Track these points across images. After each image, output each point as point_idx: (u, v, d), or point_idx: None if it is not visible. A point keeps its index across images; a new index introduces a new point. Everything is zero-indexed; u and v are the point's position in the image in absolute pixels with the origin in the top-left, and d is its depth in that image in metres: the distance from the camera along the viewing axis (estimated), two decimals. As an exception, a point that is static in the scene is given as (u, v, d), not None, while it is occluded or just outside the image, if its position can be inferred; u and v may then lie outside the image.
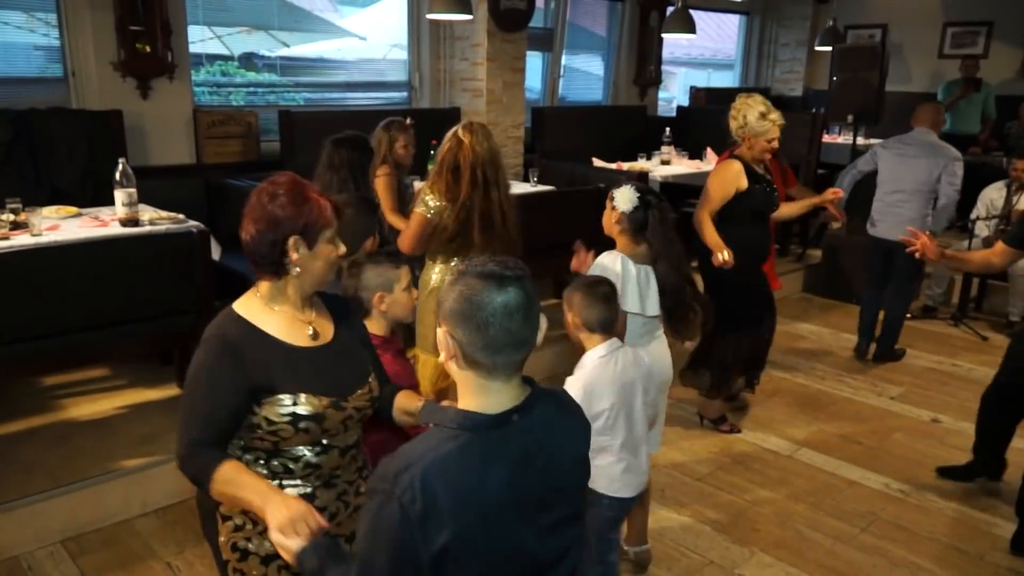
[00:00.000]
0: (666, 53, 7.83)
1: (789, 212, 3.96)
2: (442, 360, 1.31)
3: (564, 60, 7.18)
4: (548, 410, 1.34)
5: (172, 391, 3.77)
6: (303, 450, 1.63)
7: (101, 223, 3.51)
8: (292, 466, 1.64)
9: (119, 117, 4.39)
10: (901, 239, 3.35)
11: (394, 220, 3.66)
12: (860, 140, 6.69)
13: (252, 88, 5.45)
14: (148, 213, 3.61)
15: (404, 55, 6.06)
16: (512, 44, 5.84)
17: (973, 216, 5.43)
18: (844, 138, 7.38)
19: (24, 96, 4.30)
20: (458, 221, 2.87)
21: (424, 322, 3.05)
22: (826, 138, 7.14)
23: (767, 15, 9.45)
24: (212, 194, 4.64)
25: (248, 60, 5.44)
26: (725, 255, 3.45)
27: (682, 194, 6.06)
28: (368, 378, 1.73)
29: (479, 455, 1.23)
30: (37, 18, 4.39)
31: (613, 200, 2.74)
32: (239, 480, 1.52)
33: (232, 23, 5.29)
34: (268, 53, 5.51)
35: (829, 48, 7.43)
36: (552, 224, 4.35)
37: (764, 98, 3.58)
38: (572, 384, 2.27)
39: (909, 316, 5.70)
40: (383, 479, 1.22)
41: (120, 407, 3.64)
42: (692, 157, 6.40)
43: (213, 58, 5.23)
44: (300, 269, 1.61)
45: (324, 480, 1.68)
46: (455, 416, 1.27)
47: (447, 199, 2.88)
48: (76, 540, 2.96)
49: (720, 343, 3.79)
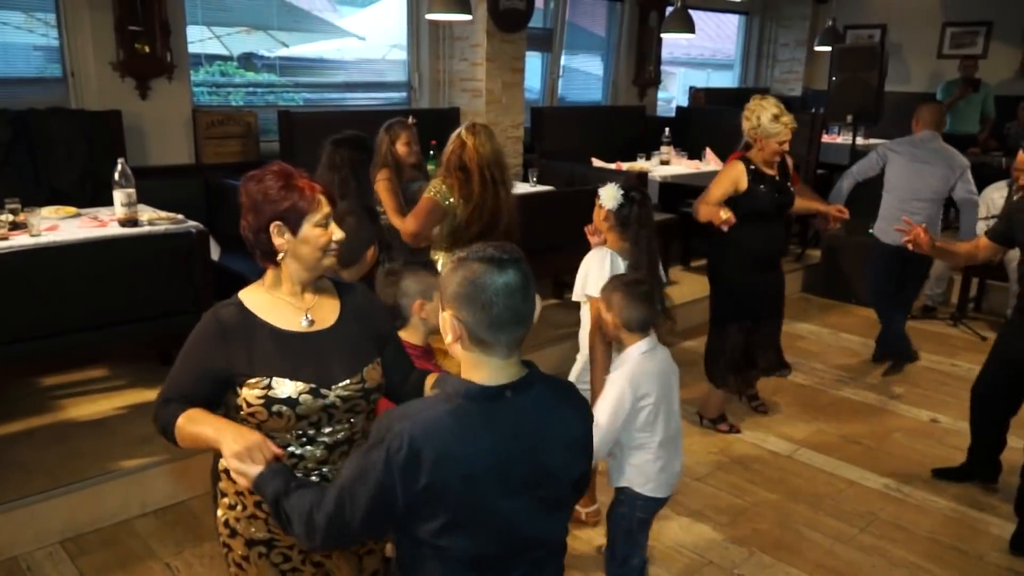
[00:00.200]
0: (665, 53, 7.83)
1: (799, 207, 4.03)
2: (448, 342, 1.39)
3: (563, 60, 7.18)
4: (544, 393, 1.42)
5: (171, 391, 3.77)
6: (287, 438, 1.64)
7: (100, 223, 3.51)
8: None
9: (118, 117, 4.39)
10: (896, 228, 3.39)
11: (398, 223, 3.57)
12: (859, 140, 6.69)
13: (251, 88, 5.44)
14: (147, 213, 3.61)
15: (403, 55, 6.06)
16: (511, 44, 5.84)
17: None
18: (843, 138, 7.38)
19: (23, 96, 4.30)
20: (481, 221, 2.94)
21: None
22: (825, 138, 7.14)
23: (766, 15, 9.45)
24: (211, 194, 4.64)
25: (247, 60, 5.44)
26: (723, 215, 3.51)
27: (681, 194, 6.06)
28: (362, 370, 1.69)
29: (467, 421, 1.34)
30: (36, 18, 4.39)
31: (599, 198, 2.82)
32: (197, 418, 1.58)
33: (231, 23, 5.29)
34: (267, 53, 5.51)
35: (828, 48, 7.44)
36: (551, 224, 4.35)
37: (777, 100, 3.65)
38: (617, 378, 2.27)
39: (909, 316, 5.72)
40: (381, 427, 1.35)
41: (119, 407, 3.64)
42: (691, 157, 6.41)
43: (212, 58, 5.23)
44: (285, 255, 1.63)
45: (310, 472, 1.67)
46: (455, 383, 1.38)
47: (460, 196, 2.95)
48: (75, 540, 2.95)
49: (714, 335, 3.94)
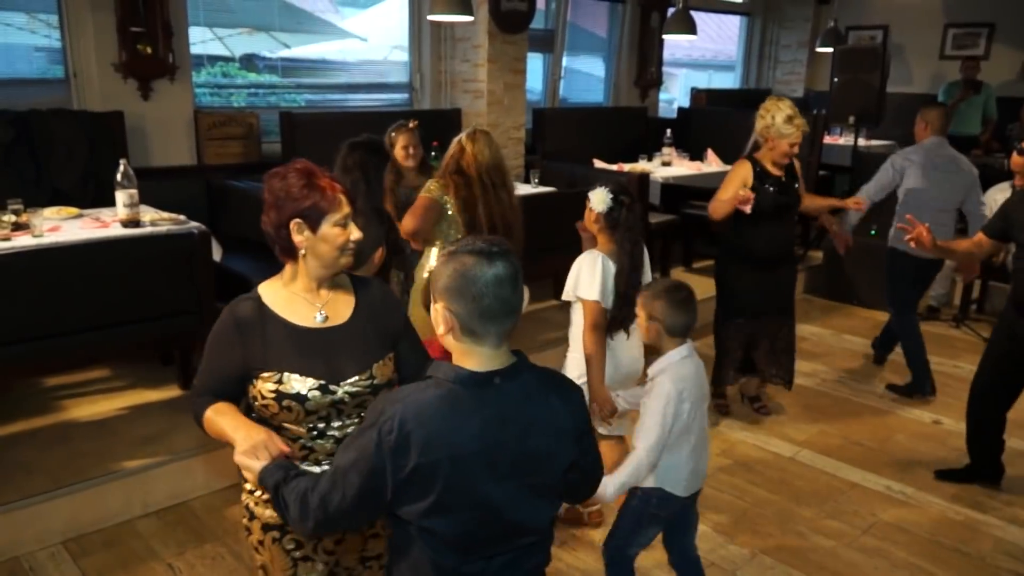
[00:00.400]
0: (667, 54, 7.83)
1: (808, 206, 4.09)
2: (440, 333, 1.43)
3: (565, 61, 7.18)
4: (532, 381, 1.46)
5: (173, 392, 3.78)
6: (299, 430, 1.70)
7: (102, 224, 3.51)
8: (290, 445, 1.71)
9: (120, 118, 4.39)
10: (899, 226, 3.40)
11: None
12: (861, 141, 6.69)
13: (253, 89, 5.45)
14: (149, 214, 3.62)
15: (405, 56, 6.06)
16: (513, 45, 5.85)
17: None
18: (845, 139, 7.37)
19: (25, 97, 4.29)
20: (481, 225, 3.00)
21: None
22: (827, 139, 7.13)
23: (768, 16, 9.45)
24: (213, 195, 4.64)
25: (249, 61, 5.44)
26: (741, 192, 3.58)
27: (683, 195, 6.06)
28: (372, 365, 1.73)
29: (457, 405, 1.38)
30: (38, 19, 4.39)
31: (590, 201, 2.87)
32: (221, 411, 1.66)
33: (233, 24, 5.29)
34: (269, 54, 5.51)
35: (830, 49, 7.43)
36: (552, 225, 4.35)
37: (792, 103, 3.69)
38: (662, 382, 2.26)
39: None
40: (374, 411, 1.40)
41: (121, 408, 3.65)
42: (693, 158, 6.40)
43: (214, 59, 5.23)
44: (305, 252, 1.68)
45: (321, 463, 1.73)
46: (446, 369, 1.42)
47: (455, 198, 3.03)
48: (77, 541, 2.96)
49: (717, 331, 4.05)
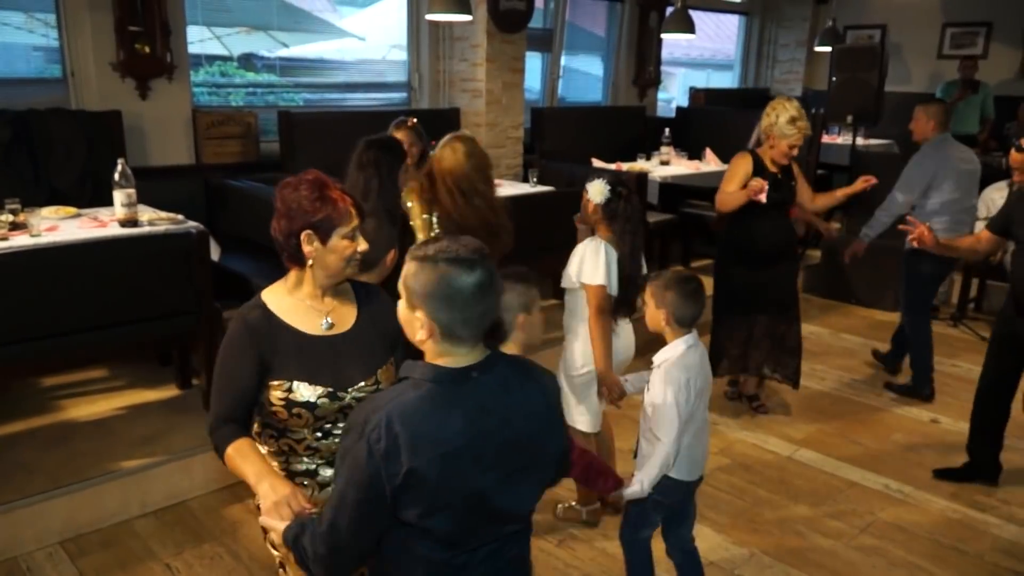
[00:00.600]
0: (665, 54, 7.83)
1: (826, 203, 4.13)
2: (419, 339, 1.44)
3: (563, 61, 7.18)
4: (507, 371, 1.48)
5: (171, 392, 3.77)
6: (304, 433, 1.75)
7: (100, 224, 3.51)
8: (296, 447, 1.76)
9: (118, 118, 4.39)
10: (900, 227, 3.39)
11: None
12: (859, 140, 6.68)
13: (251, 89, 5.44)
14: (147, 214, 3.61)
15: (403, 56, 6.06)
16: (511, 45, 5.84)
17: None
18: (843, 138, 7.38)
19: (23, 97, 4.29)
20: (449, 230, 2.99)
21: None
22: (825, 138, 7.14)
23: (766, 16, 9.45)
24: (211, 195, 4.63)
25: (247, 61, 5.44)
26: (754, 183, 3.64)
27: (682, 194, 6.06)
28: (377, 371, 1.78)
29: (439, 403, 1.39)
30: (36, 19, 4.39)
31: (588, 193, 2.92)
32: (243, 456, 1.67)
33: (231, 23, 5.29)
34: (267, 54, 5.51)
35: (828, 48, 7.43)
36: (551, 224, 4.35)
37: (800, 105, 3.72)
38: (671, 371, 2.30)
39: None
40: (356, 422, 1.40)
41: (119, 408, 3.64)
42: (691, 158, 6.40)
43: (212, 58, 5.22)
44: (313, 262, 1.72)
45: (326, 460, 1.78)
46: (423, 369, 1.43)
47: (419, 199, 3.04)
48: (75, 541, 2.96)
49: (714, 326, 4.08)
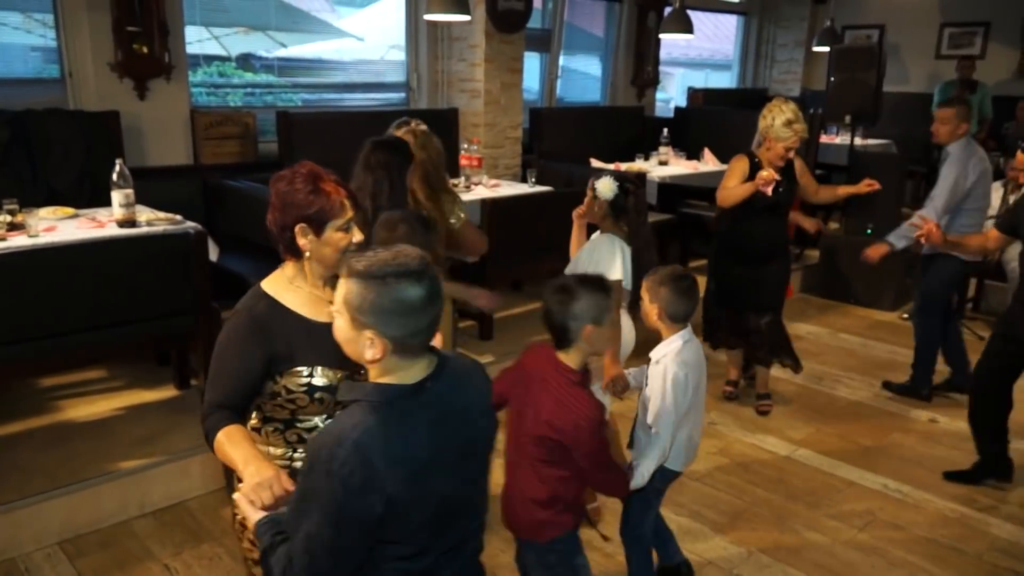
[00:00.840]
0: (664, 54, 7.83)
1: (828, 196, 4.18)
2: (370, 358, 1.37)
3: (562, 61, 7.18)
4: (454, 372, 1.47)
5: (170, 392, 3.77)
6: (316, 420, 1.75)
7: (98, 224, 3.50)
8: (306, 436, 1.75)
9: (116, 118, 4.38)
10: (910, 223, 3.45)
11: None
12: (858, 140, 6.70)
13: (250, 89, 5.44)
14: (145, 214, 3.60)
15: (402, 56, 6.06)
16: (510, 45, 5.84)
17: None
18: (842, 139, 7.38)
19: (21, 97, 4.28)
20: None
21: None
22: (824, 138, 7.14)
23: (765, 16, 9.46)
24: (210, 195, 4.63)
25: (246, 61, 5.43)
26: (763, 174, 3.65)
27: (680, 195, 6.06)
28: None
29: (402, 422, 1.36)
30: (34, 19, 4.38)
31: (595, 191, 2.94)
32: (233, 441, 1.63)
33: (229, 24, 5.28)
34: (266, 54, 5.50)
35: (827, 49, 7.45)
36: (550, 225, 4.35)
37: (797, 107, 3.73)
38: (668, 366, 2.31)
39: (907, 317, 5.72)
40: (317, 458, 1.32)
41: (118, 408, 3.64)
42: (690, 158, 6.41)
43: (210, 59, 5.22)
44: (309, 254, 1.72)
45: None
46: (374, 390, 1.39)
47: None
48: (73, 542, 2.95)
49: (705, 308, 4.16)
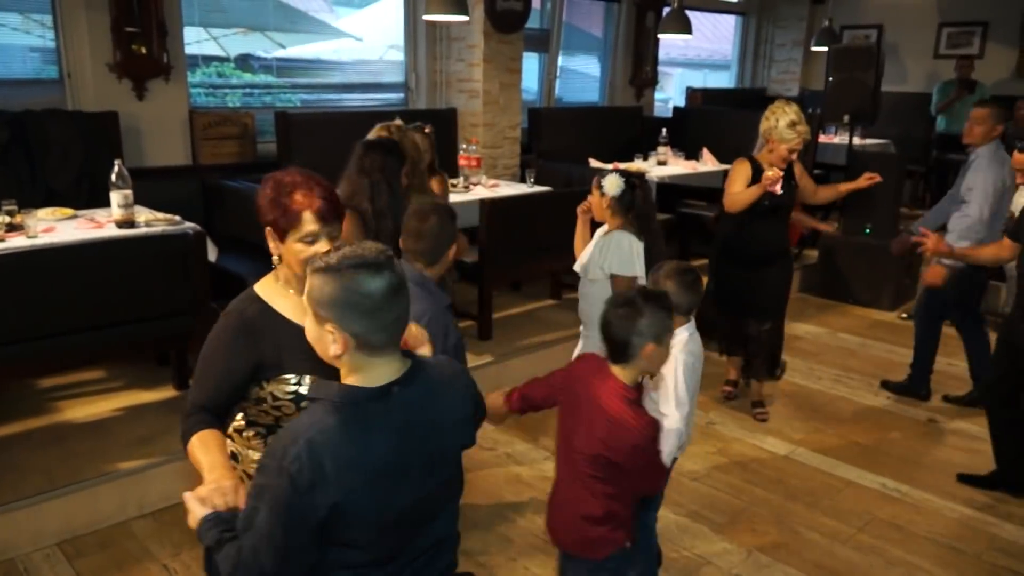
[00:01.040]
0: (662, 54, 7.84)
1: (828, 195, 4.20)
2: (333, 354, 1.35)
3: (560, 61, 7.19)
4: (429, 379, 1.43)
5: (169, 392, 3.77)
6: None
7: (97, 225, 3.50)
8: None
9: (115, 118, 4.38)
10: (915, 239, 3.54)
11: None
12: (856, 140, 6.70)
13: (248, 89, 5.44)
14: (144, 215, 3.61)
15: (400, 56, 6.06)
16: (508, 45, 5.84)
17: None
18: (840, 138, 7.39)
19: (20, 98, 4.29)
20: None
21: None
22: (822, 138, 7.14)
23: (763, 16, 9.47)
24: (208, 195, 4.63)
25: (244, 61, 5.43)
26: (769, 173, 3.65)
27: (679, 195, 6.07)
28: None
29: (361, 426, 1.32)
30: (33, 20, 4.38)
31: (602, 188, 2.96)
32: (204, 448, 1.61)
33: (228, 24, 5.28)
34: (264, 54, 5.51)
35: (825, 48, 7.46)
36: (549, 225, 4.36)
37: (800, 109, 3.73)
38: (681, 358, 2.31)
39: (905, 316, 5.73)
40: (272, 455, 1.31)
41: (116, 409, 3.64)
42: (688, 158, 6.40)
43: (209, 59, 5.22)
44: (277, 257, 1.73)
45: None
46: (339, 391, 1.35)
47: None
48: (72, 542, 2.95)
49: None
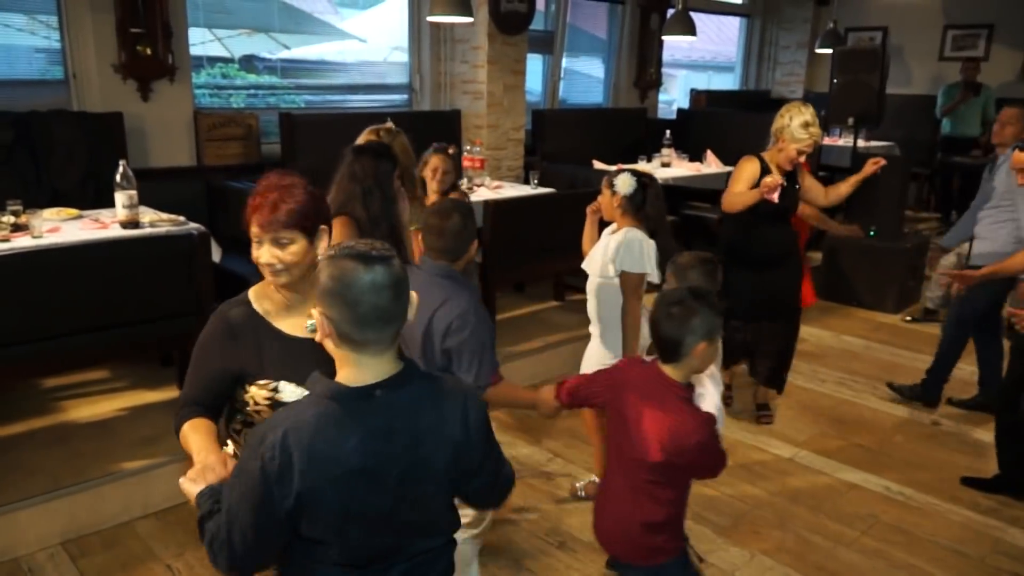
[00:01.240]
0: (666, 55, 7.84)
1: (838, 195, 4.10)
2: (318, 338, 1.38)
3: (564, 62, 7.19)
4: (423, 390, 1.42)
5: (172, 393, 3.77)
6: None
7: (102, 225, 3.51)
8: None
9: (120, 119, 4.39)
10: (942, 284, 3.42)
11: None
12: (861, 142, 6.69)
13: (253, 90, 5.45)
14: (149, 215, 3.61)
15: (405, 57, 6.06)
16: (512, 47, 5.85)
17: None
18: (845, 140, 7.38)
19: (25, 99, 4.30)
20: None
21: None
22: (826, 140, 7.14)
23: (767, 17, 9.46)
24: (213, 196, 4.64)
25: (249, 62, 5.44)
26: (768, 180, 3.56)
27: (683, 196, 6.07)
28: None
29: (336, 423, 1.33)
30: (38, 20, 4.39)
31: (613, 187, 2.97)
32: (197, 430, 1.66)
33: (233, 25, 5.30)
34: (269, 55, 5.52)
35: (830, 50, 7.45)
36: (552, 226, 4.36)
37: (814, 111, 3.68)
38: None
39: (910, 319, 5.72)
40: (254, 438, 1.35)
41: (120, 409, 3.65)
42: (692, 159, 6.41)
43: (214, 60, 5.23)
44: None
45: None
46: (325, 385, 1.38)
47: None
48: (76, 542, 2.96)
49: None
